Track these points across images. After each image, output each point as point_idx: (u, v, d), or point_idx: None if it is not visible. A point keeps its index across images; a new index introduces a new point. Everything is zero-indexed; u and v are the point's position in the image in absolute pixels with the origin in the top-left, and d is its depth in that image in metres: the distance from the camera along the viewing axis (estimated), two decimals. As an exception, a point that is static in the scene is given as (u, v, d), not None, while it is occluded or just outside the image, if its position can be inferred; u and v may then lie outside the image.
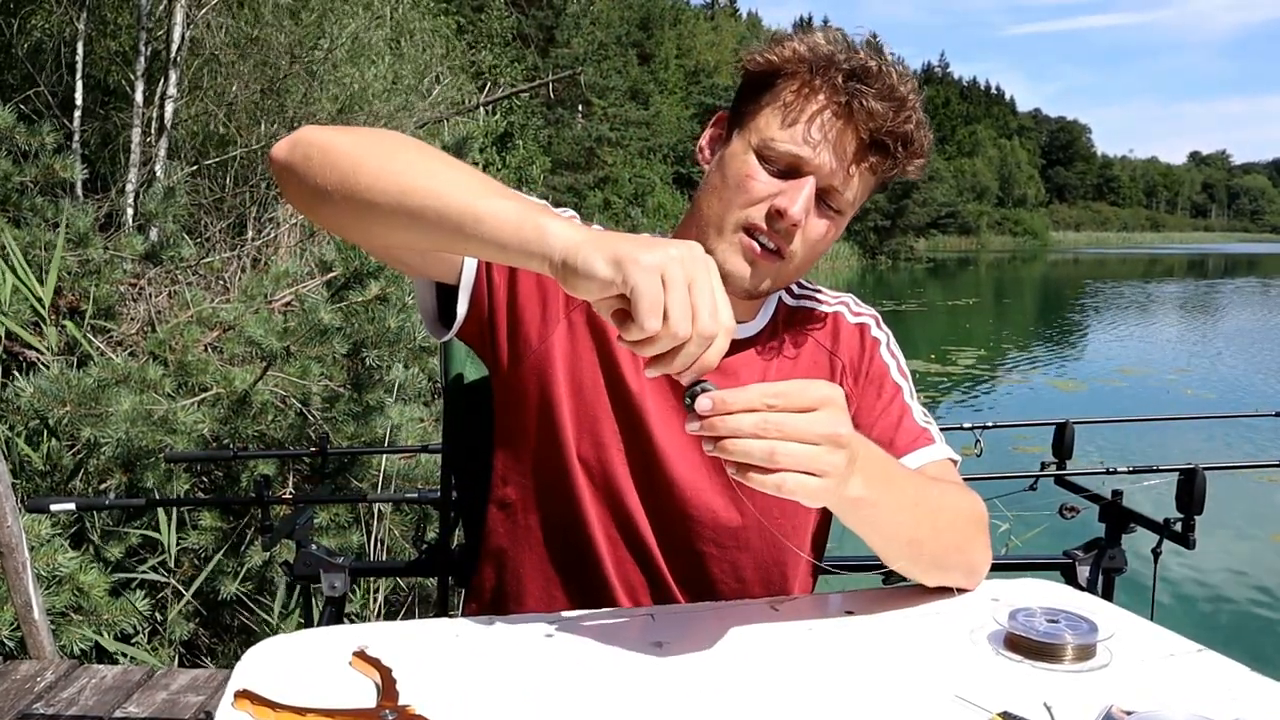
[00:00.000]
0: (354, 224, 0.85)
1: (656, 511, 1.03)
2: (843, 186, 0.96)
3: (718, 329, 0.71)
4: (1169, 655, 0.83)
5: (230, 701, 0.70)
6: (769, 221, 0.96)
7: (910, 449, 1.05)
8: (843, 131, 0.94)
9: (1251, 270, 42.79)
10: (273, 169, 0.88)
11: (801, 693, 0.75)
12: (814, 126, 0.94)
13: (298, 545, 1.56)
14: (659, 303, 0.69)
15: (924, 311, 18.56)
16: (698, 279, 0.71)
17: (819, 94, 0.94)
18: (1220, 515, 4.85)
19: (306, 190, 0.85)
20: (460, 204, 0.77)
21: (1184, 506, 1.64)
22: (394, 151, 0.82)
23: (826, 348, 1.10)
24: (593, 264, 0.71)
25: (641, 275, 0.69)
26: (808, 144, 0.94)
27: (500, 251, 0.77)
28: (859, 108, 0.93)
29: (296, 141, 0.85)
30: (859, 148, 0.95)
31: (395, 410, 3.03)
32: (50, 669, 2.20)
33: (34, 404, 2.55)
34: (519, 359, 1.03)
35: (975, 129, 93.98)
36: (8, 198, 3.36)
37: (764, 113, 0.97)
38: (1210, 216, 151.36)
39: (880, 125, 0.94)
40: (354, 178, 0.81)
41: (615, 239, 0.73)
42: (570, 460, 1.02)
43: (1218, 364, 12.04)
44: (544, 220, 0.74)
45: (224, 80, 5.84)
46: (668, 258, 0.70)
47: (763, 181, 0.96)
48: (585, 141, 24.24)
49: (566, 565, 1.04)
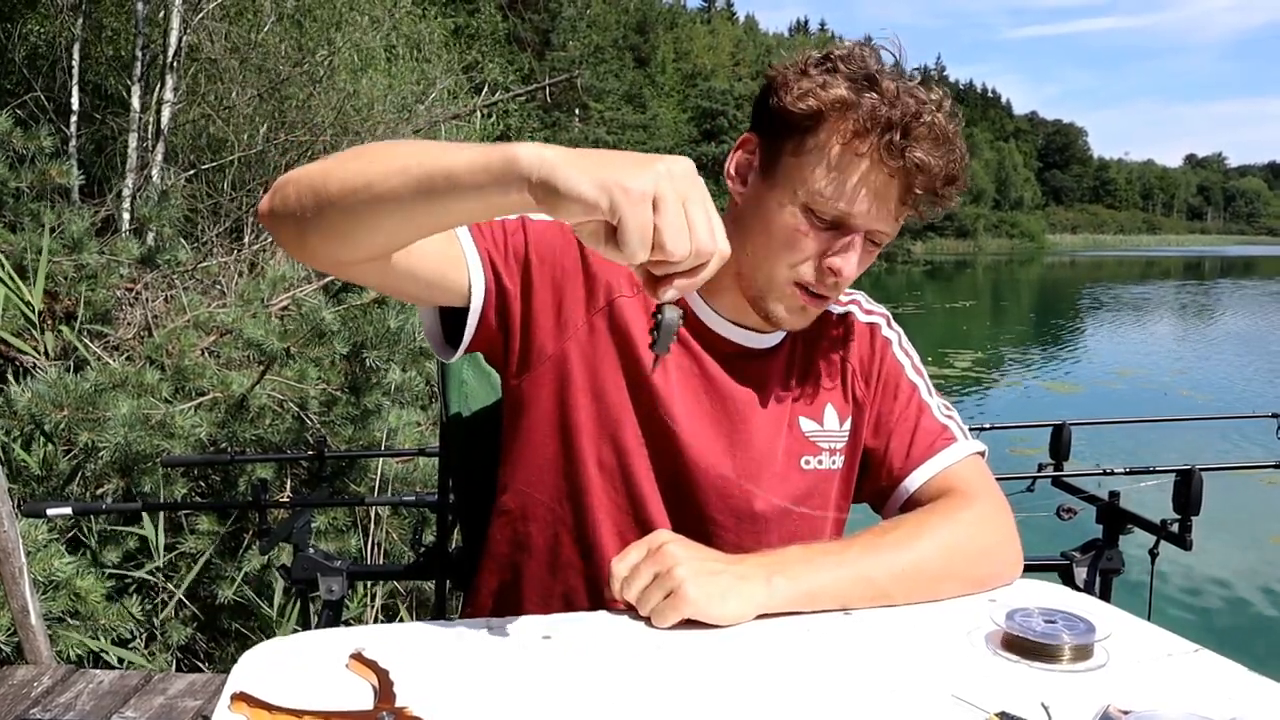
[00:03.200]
0: (341, 241, 0.84)
1: (680, 513, 1.03)
2: (888, 228, 0.97)
3: (714, 248, 0.70)
4: (1166, 655, 0.83)
5: (227, 704, 0.69)
6: (823, 278, 0.96)
7: (929, 454, 1.06)
8: (891, 186, 0.94)
9: (1248, 272, 42.89)
10: (263, 224, 0.90)
11: (799, 693, 0.75)
12: (863, 185, 0.93)
13: (295, 549, 1.56)
14: (648, 234, 0.68)
15: (921, 314, 18.60)
16: (691, 196, 0.69)
17: (867, 151, 0.92)
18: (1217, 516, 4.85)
19: (292, 226, 0.85)
20: (426, 169, 0.76)
21: (1181, 507, 1.65)
22: (357, 154, 0.83)
23: (840, 352, 1.10)
24: (577, 185, 0.68)
25: (630, 205, 0.67)
26: (857, 204, 0.93)
27: (479, 197, 0.75)
28: (911, 166, 0.92)
29: (274, 190, 0.87)
30: (904, 201, 0.95)
31: (393, 414, 3.03)
32: (47, 674, 2.19)
33: (31, 408, 2.55)
34: (533, 367, 1.02)
35: (972, 132, 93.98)
36: (3, 203, 3.36)
37: (809, 165, 0.94)
38: (1206, 219, 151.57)
39: (930, 179, 0.93)
40: (325, 190, 0.81)
41: (599, 158, 0.71)
42: (587, 466, 1.01)
43: (1214, 366, 12.06)
44: (509, 148, 0.73)
45: (222, 85, 5.84)
46: (657, 176, 0.68)
47: (813, 239, 0.95)
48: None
49: (572, 572, 1.04)
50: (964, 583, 0.96)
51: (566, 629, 0.86)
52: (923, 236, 43.19)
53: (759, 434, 1.05)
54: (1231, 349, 13.80)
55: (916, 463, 1.06)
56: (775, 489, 1.05)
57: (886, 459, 1.07)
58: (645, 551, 0.88)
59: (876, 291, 1.42)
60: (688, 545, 0.89)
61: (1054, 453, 1.90)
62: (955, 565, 0.95)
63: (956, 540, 0.97)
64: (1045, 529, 1.76)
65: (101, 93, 5.61)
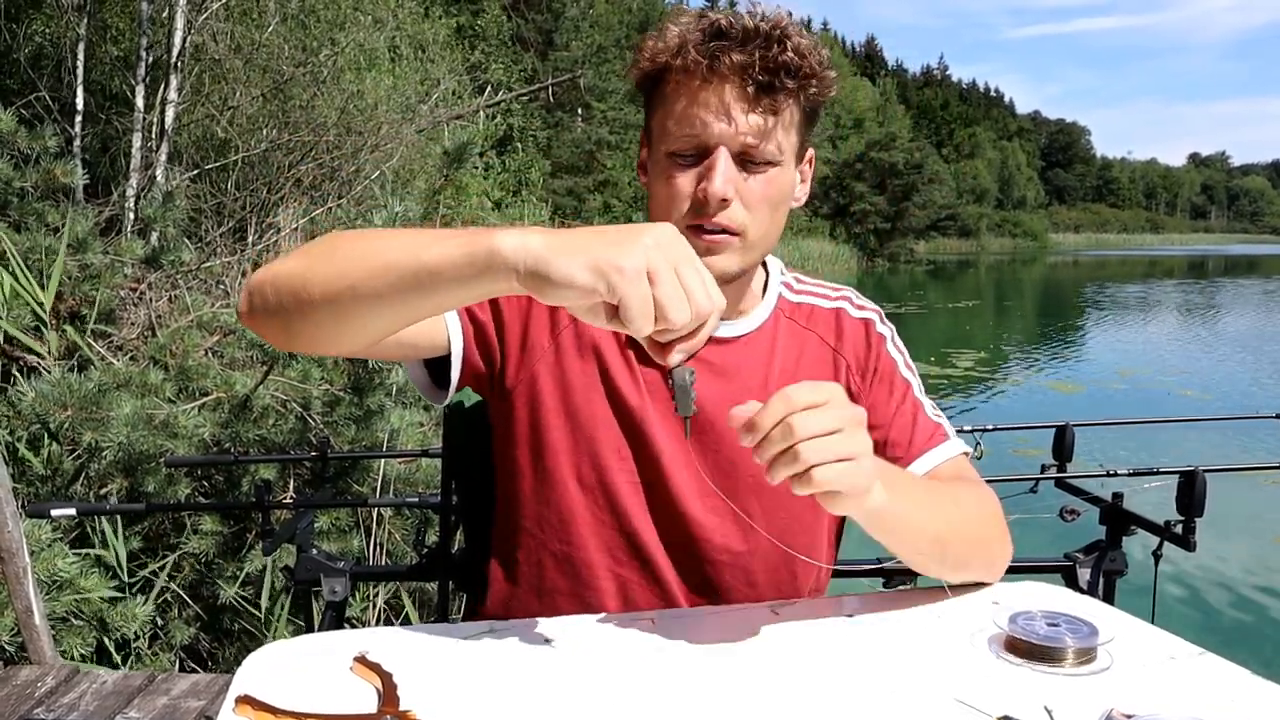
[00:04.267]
0: (332, 336, 0.86)
1: (664, 525, 1.03)
2: (756, 139, 0.94)
3: (713, 307, 0.71)
4: (1170, 658, 0.83)
5: (231, 707, 0.70)
6: (703, 210, 0.95)
7: (927, 447, 1.06)
8: (720, 93, 0.93)
9: (1251, 271, 42.79)
10: (243, 324, 0.91)
11: (802, 696, 0.75)
12: (696, 104, 0.93)
13: (298, 550, 1.56)
14: (649, 308, 0.69)
15: (924, 314, 18.57)
16: (681, 261, 0.71)
17: (685, 73, 0.94)
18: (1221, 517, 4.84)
19: (277, 327, 0.87)
20: (408, 267, 0.77)
21: (1184, 508, 1.64)
22: (331, 249, 0.84)
23: (830, 345, 1.09)
24: (572, 273, 0.70)
25: (628, 285, 0.69)
26: (697, 123, 0.93)
27: (465, 288, 0.76)
28: (725, 65, 0.92)
29: (250, 291, 0.88)
30: (744, 99, 0.93)
31: (396, 415, 3.03)
32: (51, 674, 2.20)
33: (35, 408, 2.55)
34: (508, 393, 1.04)
35: (974, 131, 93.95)
36: (8, 202, 3.37)
37: (658, 116, 0.98)
38: (1210, 218, 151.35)
39: (752, 70, 0.92)
40: (307, 294, 0.82)
41: (585, 240, 0.71)
42: (566, 486, 1.02)
43: (1218, 366, 12.04)
44: (491, 239, 0.73)
45: (226, 86, 5.85)
46: (647, 250, 0.70)
47: (682, 176, 0.95)
48: (585, 145, 24.24)
49: (566, 588, 1.04)
50: (986, 561, 0.98)
51: (569, 631, 0.86)
52: (925, 236, 43.05)
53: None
54: (1235, 349, 13.77)
55: (920, 451, 1.05)
56: (763, 487, 1.04)
57: (887, 449, 1.06)
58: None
59: (880, 292, 1.42)
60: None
61: (1057, 454, 1.90)
62: (987, 531, 0.98)
63: (995, 512, 1.00)
64: (1048, 530, 1.76)
65: (106, 93, 5.62)
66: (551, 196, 18.20)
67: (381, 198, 5.22)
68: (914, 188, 38.51)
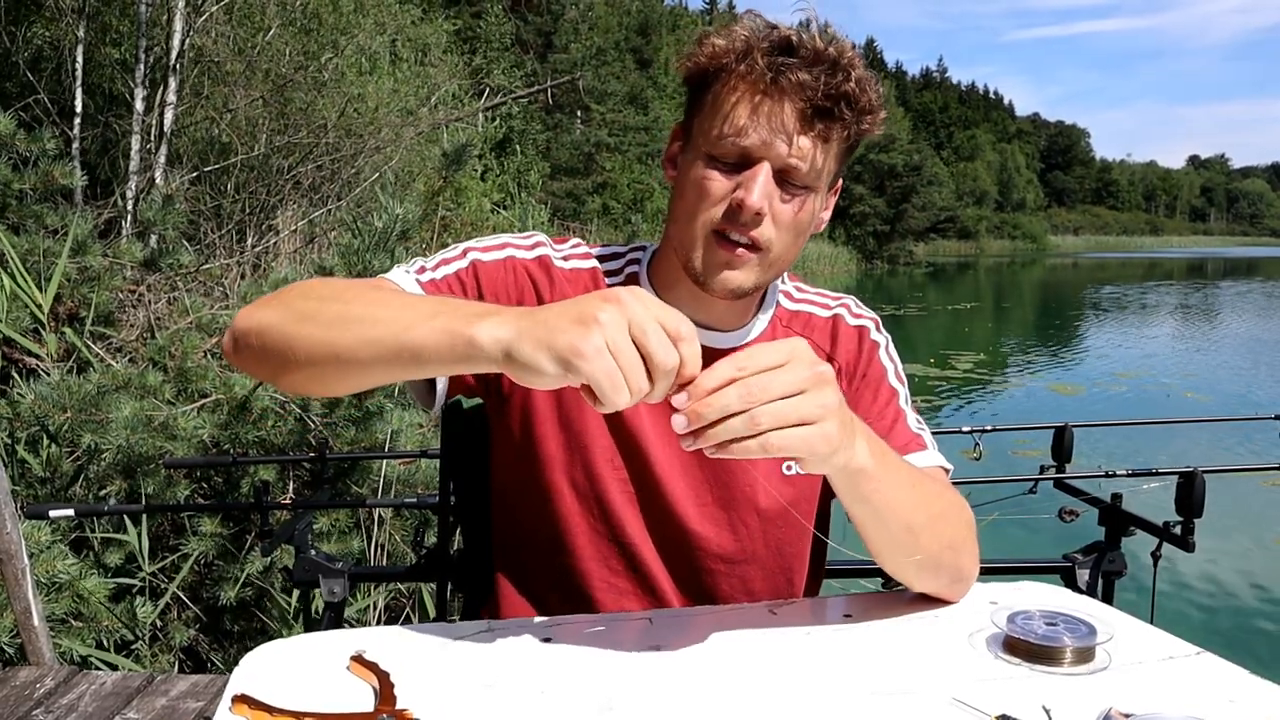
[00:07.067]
0: (319, 389, 0.90)
1: (659, 534, 1.03)
2: (800, 162, 0.93)
3: (675, 359, 0.71)
4: (1168, 658, 0.83)
5: (228, 706, 0.70)
6: (733, 217, 0.94)
7: (903, 452, 1.04)
8: (778, 110, 0.92)
9: (1251, 273, 42.81)
10: (229, 361, 0.94)
11: (800, 696, 0.75)
12: (749, 113, 0.92)
13: (297, 550, 1.56)
14: (619, 383, 0.69)
15: (923, 315, 18.56)
16: (636, 325, 0.70)
17: (746, 80, 0.93)
18: (1220, 518, 4.85)
19: (265, 374, 0.91)
20: (391, 345, 0.80)
21: (1183, 509, 1.64)
22: (315, 315, 0.85)
23: (825, 350, 1.09)
24: (538, 362, 0.71)
25: (592, 367, 0.69)
26: (748, 133, 0.92)
27: (449, 368, 0.79)
28: (788, 82, 0.91)
29: (235, 336, 0.91)
30: (800, 120, 0.92)
31: (395, 415, 3.03)
32: (50, 675, 2.20)
33: (34, 410, 2.55)
34: (502, 402, 1.04)
35: (974, 133, 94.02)
36: (7, 205, 3.37)
37: (707, 117, 0.96)
38: (1209, 220, 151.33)
39: (814, 93, 0.91)
40: (292, 356, 0.85)
41: (546, 324, 0.72)
42: (561, 497, 1.01)
43: (1217, 367, 12.05)
44: (470, 330, 0.75)
45: (225, 88, 5.85)
46: (603, 328, 0.70)
47: (718, 181, 0.94)
48: (584, 147, 24.26)
49: (561, 597, 1.04)
50: (954, 569, 0.95)
51: (566, 631, 0.86)
52: (925, 238, 43.09)
53: None
54: (1234, 351, 13.78)
55: None
56: (757, 497, 1.04)
57: None
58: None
59: (879, 293, 1.42)
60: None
61: (1056, 454, 1.90)
62: (961, 538, 0.95)
63: (969, 522, 0.98)
64: (1047, 531, 1.76)
65: (105, 95, 5.62)
66: (550, 199, 18.21)
67: (381, 199, 5.23)
68: (913, 190, 38.57)
